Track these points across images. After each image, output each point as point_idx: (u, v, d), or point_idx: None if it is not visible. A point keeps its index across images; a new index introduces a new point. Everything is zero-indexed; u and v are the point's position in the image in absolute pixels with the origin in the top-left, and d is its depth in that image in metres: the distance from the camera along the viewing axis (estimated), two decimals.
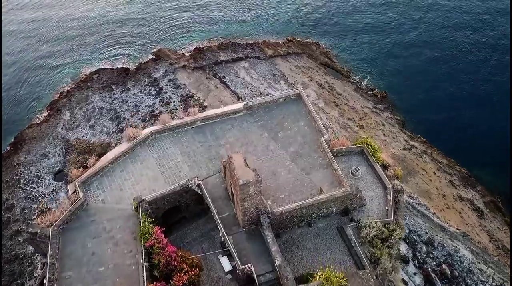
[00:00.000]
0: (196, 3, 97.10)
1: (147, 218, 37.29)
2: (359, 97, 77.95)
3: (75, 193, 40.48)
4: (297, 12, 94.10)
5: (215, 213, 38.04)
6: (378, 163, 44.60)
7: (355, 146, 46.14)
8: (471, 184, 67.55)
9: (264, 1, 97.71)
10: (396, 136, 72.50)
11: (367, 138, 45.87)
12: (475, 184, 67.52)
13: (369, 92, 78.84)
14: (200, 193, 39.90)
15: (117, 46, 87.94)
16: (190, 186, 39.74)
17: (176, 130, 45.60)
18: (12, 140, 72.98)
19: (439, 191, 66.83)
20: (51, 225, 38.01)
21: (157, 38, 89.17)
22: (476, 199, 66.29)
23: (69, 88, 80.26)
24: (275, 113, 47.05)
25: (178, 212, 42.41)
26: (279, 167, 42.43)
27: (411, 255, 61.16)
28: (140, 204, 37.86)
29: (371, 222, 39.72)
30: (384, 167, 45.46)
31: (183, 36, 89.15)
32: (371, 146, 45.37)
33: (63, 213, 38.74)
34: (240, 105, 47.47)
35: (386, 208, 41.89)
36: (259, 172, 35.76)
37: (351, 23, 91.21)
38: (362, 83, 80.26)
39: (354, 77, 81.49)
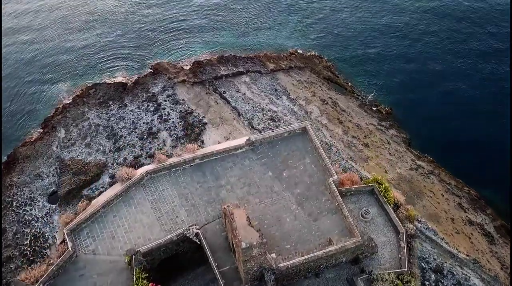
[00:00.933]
0: (196, 15, 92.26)
1: (141, 273, 33.16)
2: (363, 114, 73.59)
3: (63, 243, 36.25)
4: (299, 25, 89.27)
5: (214, 267, 33.91)
6: (390, 204, 40.36)
7: (365, 184, 41.89)
8: (481, 207, 63.52)
9: (266, 13, 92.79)
10: (403, 156, 68.31)
11: (377, 176, 41.54)
12: (484, 207, 63.49)
13: (374, 108, 74.52)
14: (199, 243, 35.72)
15: (115, 59, 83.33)
16: (187, 235, 35.58)
17: (173, 169, 41.28)
18: (5, 159, 68.46)
19: (447, 214, 62.81)
20: (36, 282, 33.86)
21: (156, 51, 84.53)
22: (486, 223, 62.30)
23: (64, 104, 75.75)
24: (279, 149, 42.76)
25: (175, 259, 38.23)
26: (284, 212, 38.23)
27: (419, 284, 57.19)
28: (133, 257, 33.69)
29: (383, 274, 35.60)
30: (396, 206, 41.24)
31: (183, 49, 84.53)
32: (382, 184, 41.13)
33: (50, 267, 34.52)
34: (242, 140, 43.11)
35: (399, 255, 37.83)
36: (263, 217, 31.76)
37: (355, 36, 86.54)
38: (367, 99, 75.81)
39: (358, 92, 77.07)
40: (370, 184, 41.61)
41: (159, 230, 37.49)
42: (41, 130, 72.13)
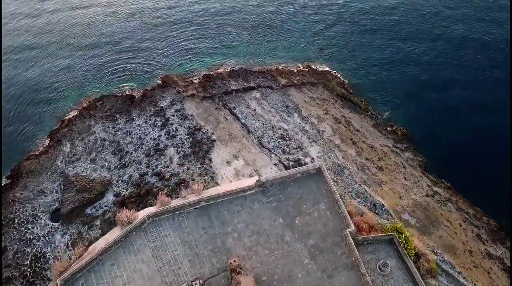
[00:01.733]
0: (207, 26, 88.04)
1: None
2: (378, 135, 69.02)
3: None
4: (313, 38, 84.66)
5: None
6: (410, 256, 36.06)
7: (383, 233, 37.58)
8: (501, 239, 58.97)
9: (279, 26, 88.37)
10: (418, 181, 63.80)
11: (397, 223, 37.21)
12: (504, 239, 58.96)
13: (389, 129, 69.82)
14: None
15: (123, 70, 79.62)
16: None
17: (177, 212, 37.24)
18: (9, 173, 65.03)
19: (465, 246, 58.33)
20: None
21: (165, 62, 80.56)
22: (506, 257, 57.80)
23: (71, 116, 72.24)
24: (291, 191, 38.52)
25: None
26: (295, 266, 34.11)
27: None
28: None
29: None
30: (417, 256, 36.91)
31: (193, 61, 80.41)
32: (402, 233, 36.82)
33: None
34: (251, 181, 38.87)
35: None
36: (272, 272, 28.03)
37: (370, 51, 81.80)
38: (381, 118, 71.15)
39: (372, 111, 72.42)
40: (389, 233, 37.31)
41: (159, 282, 33.60)
42: (46, 144, 68.53)
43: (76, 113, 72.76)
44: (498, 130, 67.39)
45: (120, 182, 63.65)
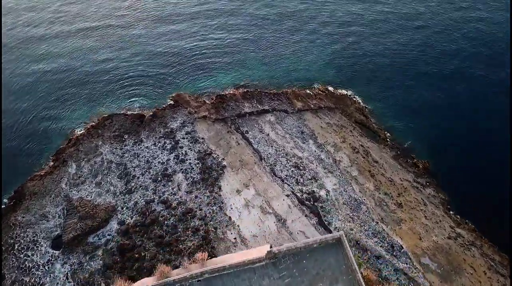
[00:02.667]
0: (222, 43, 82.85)
1: None
2: (398, 167, 63.04)
3: None
4: (332, 58, 78.96)
5: None
6: None
7: None
8: None
9: (296, 44, 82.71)
10: (440, 221, 57.76)
11: None
12: None
13: (409, 161, 63.69)
14: None
15: (135, 87, 75.24)
16: None
17: (178, 285, 31.82)
18: (12, 194, 60.82)
19: None
20: None
21: (178, 78, 75.87)
22: None
23: (78, 135, 67.79)
24: (307, 266, 32.90)
25: None
26: None
27: None
28: None
29: None
30: None
31: (206, 78, 75.46)
32: None
33: None
34: (262, 250, 33.24)
35: None
36: None
37: (392, 74, 75.81)
38: (402, 148, 65.09)
39: (392, 141, 66.36)
40: None
41: None
42: (52, 163, 64.23)
43: (84, 131, 68.23)
44: None
45: (125, 208, 59.09)
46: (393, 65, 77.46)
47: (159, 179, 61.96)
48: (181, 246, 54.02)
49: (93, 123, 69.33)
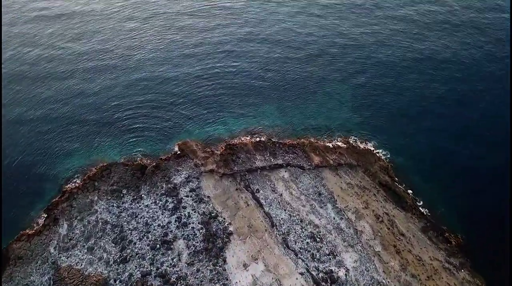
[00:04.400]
0: (234, 84, 72.48)
1: None
2: (427, 242, 52.70)
3: None
4: (354, 105, 68.22)
5: None
6: None
7: None
8: None
9: (315, 87, 71.96)
10: None
11: None
12: None
13: (440, 235, 53.25)
14: None
15: (139, 130, 66.73)
16: None
17: None
18: None
19: None
20: None
21: (185, 122, 66.63)
22: None
23: (73, 187, 58.69)
24: None
25: None
26: None
27: None
28: None
29: None
30: None
31: (216, 124, 66.04)
32: None
33: None
34: None
35: None
36: None
37: (423, 124, 64.54)
38: (431, 218, 54.50)
39: (421, 208, 55.80)
40: None
41: None
42: (42, 221, 55.11)
43: (79, 183, 58.95)
44: None
45: (118, 282, 50.29)
46: (424, 116, 66.30)
47: (158, 246, 52.89)
48: None
49: (90, 174, 60.09)
